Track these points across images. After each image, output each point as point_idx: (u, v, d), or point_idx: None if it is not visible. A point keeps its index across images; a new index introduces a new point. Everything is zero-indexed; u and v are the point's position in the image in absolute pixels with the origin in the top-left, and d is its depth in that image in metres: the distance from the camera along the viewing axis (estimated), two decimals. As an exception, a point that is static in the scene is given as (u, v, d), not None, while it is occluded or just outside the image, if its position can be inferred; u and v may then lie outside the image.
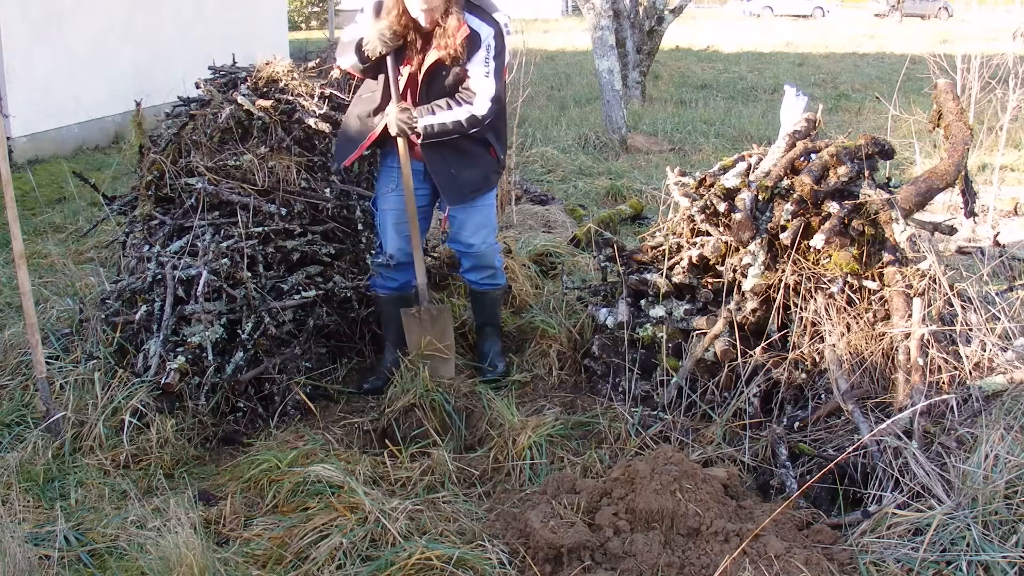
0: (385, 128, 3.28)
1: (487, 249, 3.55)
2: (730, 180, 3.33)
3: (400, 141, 3.29)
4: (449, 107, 3.24)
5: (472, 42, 3.18)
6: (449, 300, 4.10)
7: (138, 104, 7.79)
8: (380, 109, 3.31)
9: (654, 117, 10.15)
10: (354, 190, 3.86)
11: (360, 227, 3.79)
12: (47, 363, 3.13)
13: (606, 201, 6.63)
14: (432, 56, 3.19)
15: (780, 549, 2.30)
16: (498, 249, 3.66)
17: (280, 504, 2.73)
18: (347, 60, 3.29)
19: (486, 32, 3.19)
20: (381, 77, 3.29)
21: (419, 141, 3.27)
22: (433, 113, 3.24)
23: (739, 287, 3.24)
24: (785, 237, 3.12)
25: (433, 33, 3.17)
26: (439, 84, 3.25)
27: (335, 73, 4.15)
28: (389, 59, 3.21)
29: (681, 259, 3.46)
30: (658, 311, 3.43)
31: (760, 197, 3.24)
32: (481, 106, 3.24)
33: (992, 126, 6.24)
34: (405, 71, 3.27)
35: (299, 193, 3.64)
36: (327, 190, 3.76)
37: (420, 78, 3.26)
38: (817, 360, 3.09)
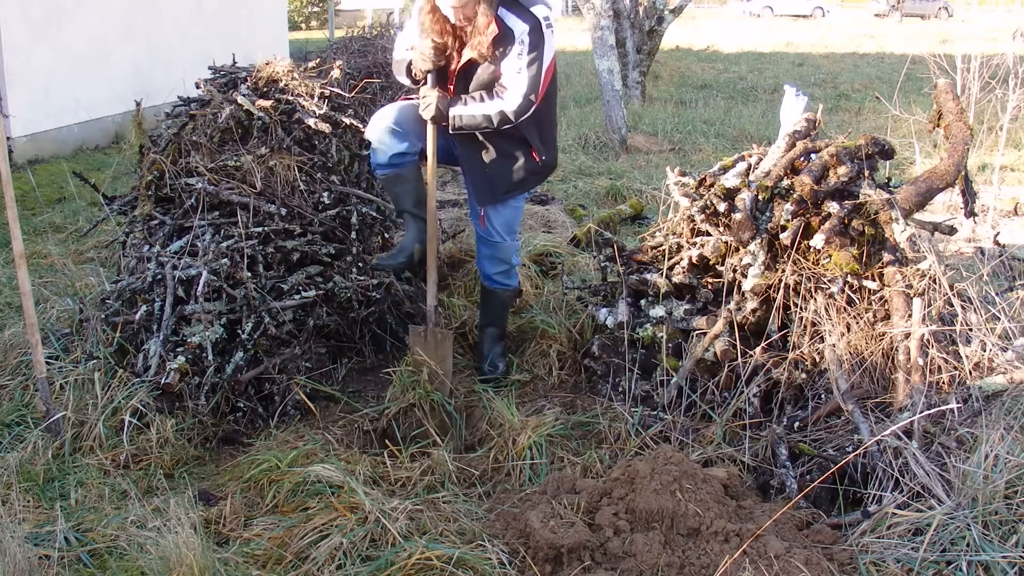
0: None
1: (508, 245, 3.53)
2: (730, 180, 3.33)
3: (430, 128, 3.27)
4: (481, 99, 3.20)
5: (504, 39, 3.11)
6: (449, 300, 4.10)
7: (138, 104, 7.81)
8: None
9: (654, 117, 10.14)
10: (354, 192, 3.86)
11: (355, 232, 3.78)
12: (47, 363, 3.14)
13: (606, 201, 6.63)
14: (466, 55, 3.16)
15: (780, 549, 2.30)
16: (517, 247, 3.63)
17: (280, 504, 2.73)
18: (402, 78, 3.34)
19: (520, 29, 3.10)
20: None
21: (450, 130, 3.24)
22: (465, 104, 3.20)
23: (739, 287, 3.24)
24: (785, 237, 3.12)
25: (466, 31, 3.13)
26: (473, 81, 3.22)
27: (335, 73, 4.16)
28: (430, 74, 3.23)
29: (681, 259, 3.46)
30: (658, 311, 3.43)
31: (760, 197, 3.24)
32: (511, 102, 3.17)
33: (992, 126, 6.24)
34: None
35: (293, 204, 3.63)
36: (326, 191, 3.76)
37: (454, 76, 3.23)
38: (817, 360, 3.09)
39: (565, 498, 2.57)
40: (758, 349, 3.13)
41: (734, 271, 3.27)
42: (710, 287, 3.38)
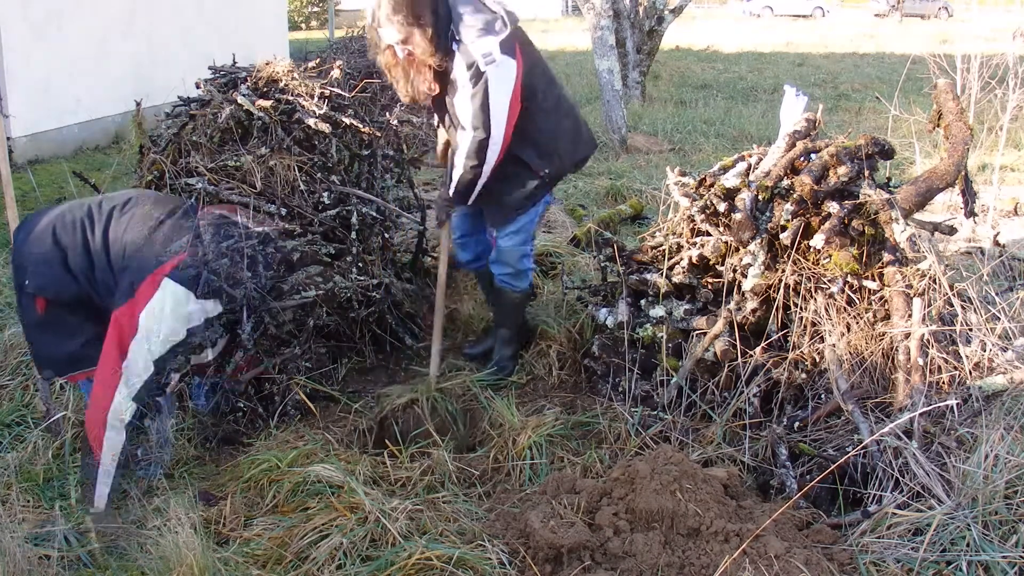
0: None
1: (510, 247, 3.53)
2: (730, 180, 3.33)
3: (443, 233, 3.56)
4: (452, 164, 3.35)
5: (451, 76, 3.18)
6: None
7: (138, 104, 7.80)
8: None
9: (654, 117, 10.14)
10: (354, 192, 3.86)
11: (355, 232, 3.77)
12: (47, 363, 3.13)
13: (606, 201, 6.63)
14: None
15: (780, 549, 2.30)
16: (524, 253, 3.59)
17: (280, 504, 2.73)
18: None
19: (460, 67, 3.15)
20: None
21: (469, 203, 3.43)
22: (452, 178, 3.36)
23: (739, 287, 3.24)
24: (785, 237, 3.12)
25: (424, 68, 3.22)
26: (444, 112, 3.36)
27: (335, 73, 4.15)
28: None
29: (681, 259, 3.46)
30: (658, 311, 3.43)
31: (760, 197, 3.24)
32: (463, 144, 3.24)
33: (992, 126, 6.23)
34: None
35: (293, 204, 3.63)
36: (326, 191, 3.76)
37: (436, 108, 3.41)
38: (817, 360, 3.09)
39: (565, 498, 2.57)
40: (758, 349, 3.13)
41: (734, 271, 3.27)
42: (710, 287, 3.38)
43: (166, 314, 2.20)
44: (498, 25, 3.16)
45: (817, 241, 3.06)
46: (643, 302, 3.53)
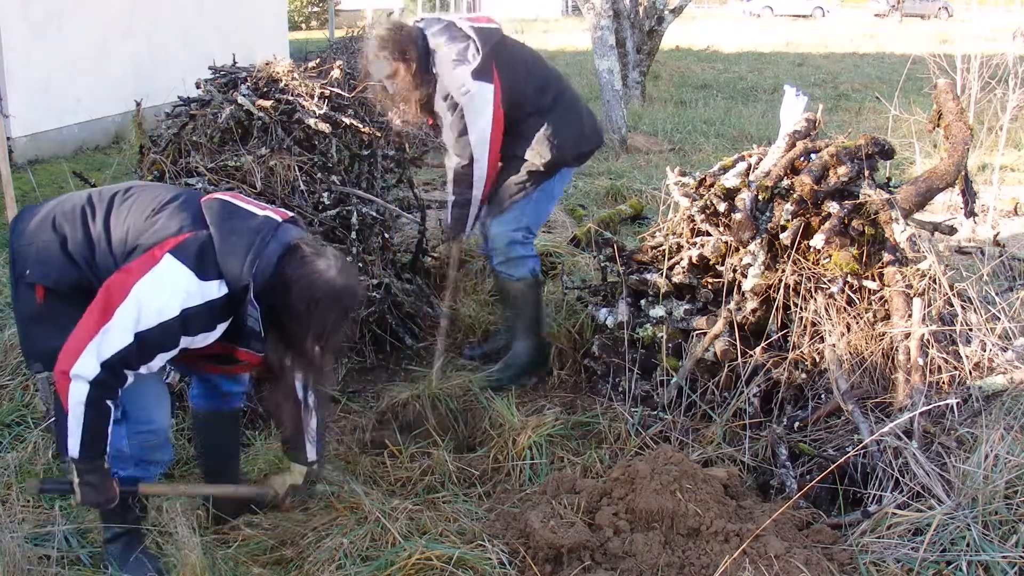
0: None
1: (499, 232, 3.59)
2: (730, 180, 3.33)
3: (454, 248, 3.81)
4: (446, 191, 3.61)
5: (436, 106, 3.40)
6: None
7: (138, 104, 7.79)
8: None
9: (654, 117, 10.14)
10: (354, 192, 3.86)
11: (355, 232, 3.77)
12: (47, 363, 3.13)
13: (606, 201, 6.63)
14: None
15: (780, 549, 2.30)
16: (514, 239, 3.61)
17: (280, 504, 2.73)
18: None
19: (440, 98, 3.37)
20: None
21: (471, 230, 3.69)
22: (449, 212, 3.64)
23: (739, 287, 3.24)
24: (785, 237, 3.12)
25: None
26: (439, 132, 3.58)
27: (335, 73, 4.15)
28: None
29: (681, 259, 3.46)
30: (658, 311, 3.43)
31: (760, 197, 3.24)
32: (450, 167, 3.54)
33: (992, 126, 6.23)
34: None
35: (293, 204, 3.63)
36: (326, 191, 3.76)
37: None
38: (817, 360, 3.09)
39: (565, 498, 2.57)
40: (758, 349, 3.13)
41: (734, 271, 3.27)
42: (710, 287, 3.38)
43: (161, 288, 2.15)
44: (471, 53, 3.30)
45: (817, 241, 3.05)
46: (643, 302, 3.53)
